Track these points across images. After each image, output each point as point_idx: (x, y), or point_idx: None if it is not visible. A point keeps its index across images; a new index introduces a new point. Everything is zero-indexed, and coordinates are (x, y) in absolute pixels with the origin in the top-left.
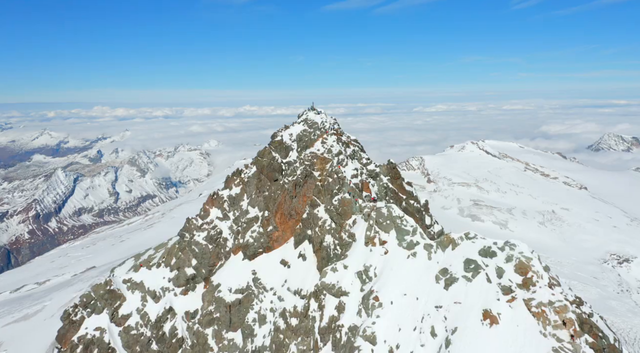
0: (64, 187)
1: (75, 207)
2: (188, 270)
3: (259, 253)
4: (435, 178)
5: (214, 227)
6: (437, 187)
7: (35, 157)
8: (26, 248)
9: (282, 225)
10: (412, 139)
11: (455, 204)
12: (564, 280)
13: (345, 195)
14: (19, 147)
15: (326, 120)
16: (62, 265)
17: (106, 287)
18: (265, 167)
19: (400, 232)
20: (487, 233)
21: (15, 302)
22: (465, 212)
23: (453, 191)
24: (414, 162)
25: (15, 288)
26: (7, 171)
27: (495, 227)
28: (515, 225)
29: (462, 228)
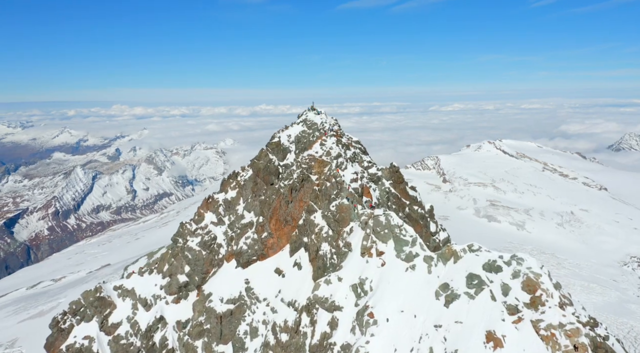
0: (83, 184)
1: (94, 204)
2: (181, 277)
3: (252, 261)
4: (451, 178)
5: (208, 232)
6: (452, 187)
7: (55, 155)
8: (45, 244)
9: (277, 231)
10: (428, 138)
11: (471, 204)
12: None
13: (343, 200)
14: (40, 145)
15: (326, 121)
16: (79, 262)
17: (96, 294)
18: (261, 170)
19: (398, 242)
20: (503, 234)
21: (31, 299)
22: (482, 212)
23: (469, 191)
24: (429, 161)
25: (32, 285)
26: (28, 168)
27: (512, 228)
28: (532, 226)
29: (478, 229)
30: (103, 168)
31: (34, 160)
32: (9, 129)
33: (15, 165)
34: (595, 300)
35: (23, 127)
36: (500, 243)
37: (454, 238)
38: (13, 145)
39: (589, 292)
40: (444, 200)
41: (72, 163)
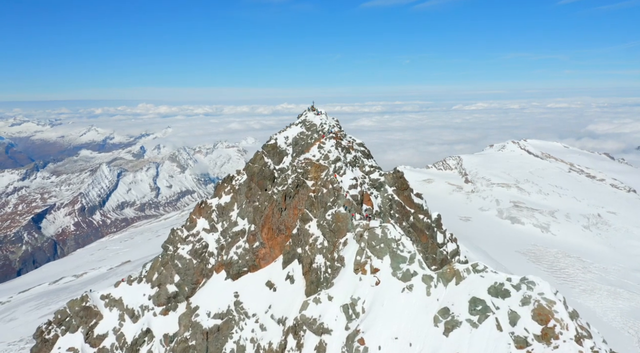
0: (108, 181)
1: (119, 201)
2: (170, 287)
3: (243, 272)
4: (474, 178)
5: (199, 239)
6: (475, 188)
7: (82, 152)
8: (71, 239)
9: (269, 241)
10: (450, 137)
11: (494, 205)
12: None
13: (340, 208)
14: (68, 143)
15: (326, 122)
16: (101, 258)
17: (82, 303)
18: (255, 174)
19: (395, 258)
20: (527, 236)
21: (52, 294)
22: (505, 213)
23: (492, 192)
24: (451, 161)
25: (54, 280)
26: (56, 165)
27: (536, 230)
28: (557, 229)
29: (501, 231)
30: (128, 165)
31: (61, 157)
32: (39, 126)
33: (43, 162)
34: (622, 306)
35: (52, 124)
36: (524, 246)
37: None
38: (42, 142)
39: (615, 297)
40: (465, 201)
41: (98, 160)
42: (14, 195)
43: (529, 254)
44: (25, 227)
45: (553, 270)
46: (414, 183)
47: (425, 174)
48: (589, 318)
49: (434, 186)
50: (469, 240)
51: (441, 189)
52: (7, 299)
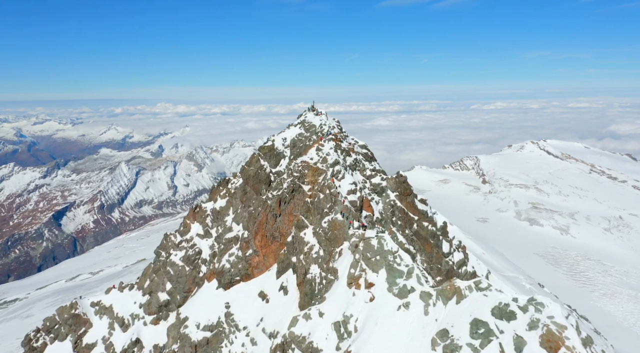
0: (127, 179)
1: (137, 199)
2: (161, 295)
3: (235, 281)
4: (491, 179)
5: (192, 245)
6: (492, 189)
7: (102, 151)
8: (91, 236)
9: (263, 249)
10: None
11: (512, 207)
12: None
13: (337, 215)
14: (88, 141)
15: (325, 123)
16: (117, 255)
17: (71, 310)
18: (251, 178)
19: (391, 272)
20: (546, 238)
21: (68, 291)
22: (523, 215)
23: (510, 193)
24: (468, 161)
25: (71, 277)
26: (76, 163)
27: (556, 232)
28: (577, 231)
29: (519, 233)
30: (146, 164)
31: (82, 156)
32: (60, 125)
33: (64, 160)
34: None
35: (73, 123)
36: (543, 248)
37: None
38: (63, 140)
39: (636, 302)
40: (483, 202)
41: (117, 159)
42: (35, 193)
43: (547, 257)
44: (45, 224)
45: (572, 273)
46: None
47: (442, 174)
48: (608, 323)
49: (451, 187)
50: (485, 241)
51: (458, 190)
52: (25, 296)
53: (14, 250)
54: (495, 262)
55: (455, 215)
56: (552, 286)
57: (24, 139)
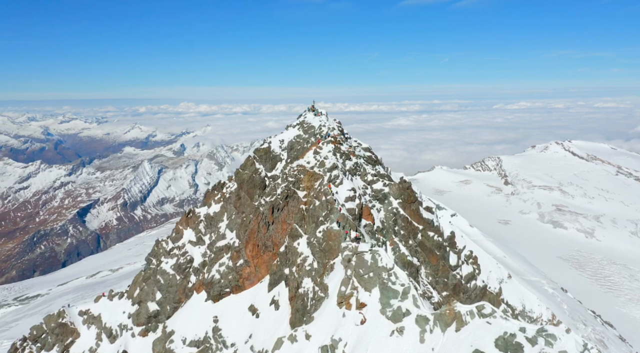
0: (149, 178)
1: (159, 197)
2: (151, 305)
3: (225, 293)
4: (514, 180)
5: (184, 253)
6: (515, 190)
7: (126, 149)
8: (114, 233)
9: (254, 259)
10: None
11: (535, 209)
12: None
13: (332, 225)
14: (113, 140)
15: (325, 124)
16: (138, 253)
17: (58, 319)
18: (245, 182)
19: (385, 292)
20: (570, 241)
21: (89, 288)
22: (546, 217)
23: (533, 194)
24: (490, 162)
25: (91, 274)
26: (101, 161)
27: (580, 235)
28: (603, 234)
29: (542, 235)
30: (168, 162)
31: (106, 154)
32: (86, 124)
33: (89, 158)
34: None
35: (98, 122)
36: (567, 252)
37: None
38: (89, 139)
39: None
40: (505, 204)
41: (140, 157)
42: (60, 190)
43: (571, 260)
44: (70, 221)
45: (597, 277)
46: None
47: (463, 174)
48: (634, 330)
49: (472, 188)
50: (507, 244)
51: (479, 191)
52: (47, 291)
53: (40, 246)
54: (516, 265)
55: (476, 217)
56: (575, 291)
57: (51, 137)
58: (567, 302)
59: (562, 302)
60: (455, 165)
